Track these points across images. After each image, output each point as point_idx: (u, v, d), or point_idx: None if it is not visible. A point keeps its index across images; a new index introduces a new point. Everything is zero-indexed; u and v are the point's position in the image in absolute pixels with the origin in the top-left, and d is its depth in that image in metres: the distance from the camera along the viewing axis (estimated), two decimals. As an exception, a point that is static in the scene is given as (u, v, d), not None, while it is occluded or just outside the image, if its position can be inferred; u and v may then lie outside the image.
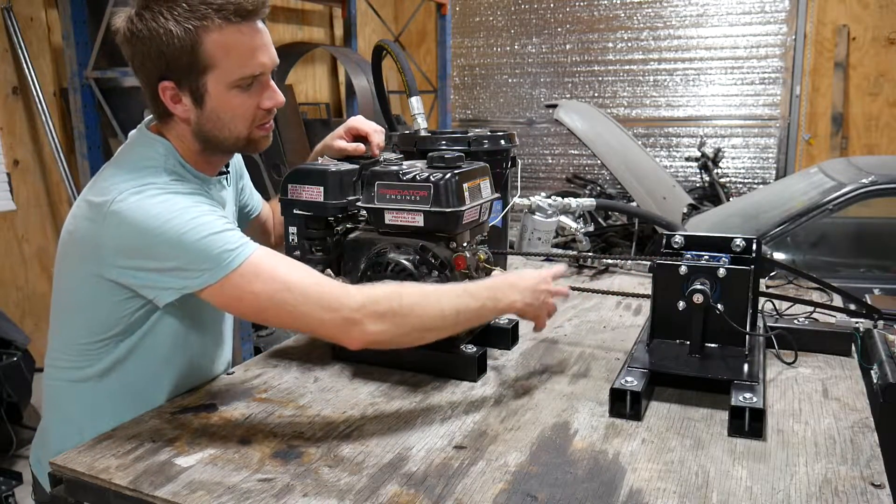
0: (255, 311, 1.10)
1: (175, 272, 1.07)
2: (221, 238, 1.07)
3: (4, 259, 3.56)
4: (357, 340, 1.09)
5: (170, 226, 1.05)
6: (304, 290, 1.07)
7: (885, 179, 3.08)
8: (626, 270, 2.03)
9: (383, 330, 1.09)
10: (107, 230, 1.07)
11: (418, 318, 1.11)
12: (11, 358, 3.07)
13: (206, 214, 1.09)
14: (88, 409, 1.20)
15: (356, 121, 1.41)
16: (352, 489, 0.93)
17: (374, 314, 1.08)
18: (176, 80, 1.12)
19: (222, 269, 1.05)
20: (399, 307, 1.09)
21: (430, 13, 6.62)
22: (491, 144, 1.64)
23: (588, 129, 3.96)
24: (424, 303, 1.12)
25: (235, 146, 1.20)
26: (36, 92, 3.55)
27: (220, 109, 1.15)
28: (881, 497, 0.90)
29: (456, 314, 1.13)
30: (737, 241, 1.28)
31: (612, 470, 0.97)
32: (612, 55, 6.51)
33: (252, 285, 1.06)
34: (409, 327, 1.11)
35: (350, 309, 1.07)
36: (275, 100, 1.18)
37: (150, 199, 1.07)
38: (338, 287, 1.10)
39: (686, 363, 1.22)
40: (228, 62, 1.11)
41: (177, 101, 1.14)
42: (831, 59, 5.76)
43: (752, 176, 6.18)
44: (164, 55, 1.09)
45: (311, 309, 1.07)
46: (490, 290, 1.17)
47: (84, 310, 1.16)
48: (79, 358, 1.19)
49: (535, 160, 6.88)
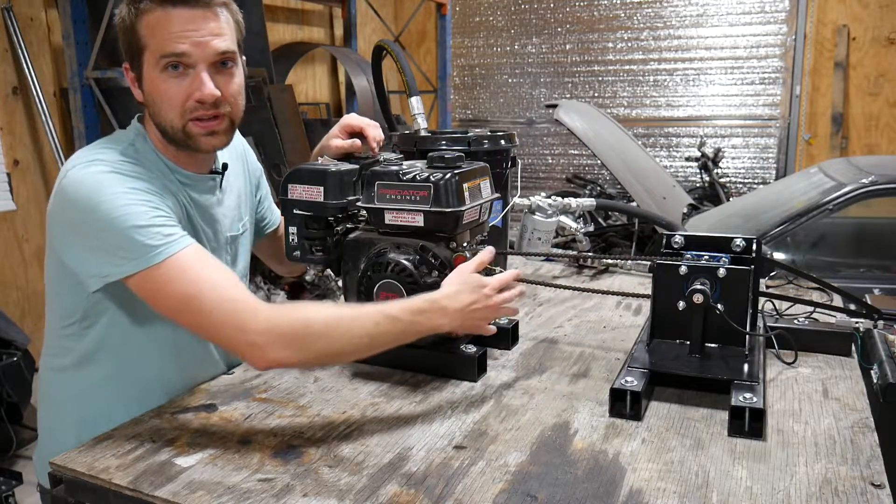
0: (168, 312, 1.10)
1: (100, 254, 1.08)
2: (147, 231, 1.07)
3: (4, 259, 3.56)
4: (260, 363, 1.07)
5: (102, 206, 1.07)
6: (215, 303, 1.06)
7: (885, 179, 3.08)
8: (626, 270, 2.03)
9: (287, 356, 1.06)
10: (55, 204, 1.11)
11: (326, 345, 1.07)
12: (11, 358, 3.07)
13: (139, 205, 1.09)
14: (75, 400, 1.23)
15: (350, 118, 1.41)
16: (352, 489, 0.93)
17: (278, 340, 1.05)
18: (129, 61, 1.18)
19: (142, 263, 1.06)
20: (305, 334, 1.06)
21: (430, 13, 6.62)
22: (491, 144, 1.64)
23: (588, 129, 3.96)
24: (335, 330, 1.08)
25: (175, 137, 1.19)
26: (36, 92, 3.55)
27: (153, 92, 1.16)
28: (881, 497, 0.90)
29: (370, 340, 1.10)
30: (737, 241, 1.28)
31: (612, 470, 0.97)
32: (612, 55, 6.51)
33: (167, 286, 1.07)
34: (317, 353, 1.08)
35: (255, 332, 1.04)
36: (201, 91, 1.14)
37: (91, 176, 1.09)
38: (248, 307, 1.06)
39: (686, 363, 1.22)
40: (154, 41, 1.13)
41: (134, 84, 1.20)
42: (831, 59, 5.77)
43: (752, 176, 6.18)
44: (120, 38, 1.17)
45: (219, 325, 1.06)
46: (413, 315, 1.12)
47: (54, 297, 1.22)
48: (55, 347, 1.24)
49: (535, 160, 6.88)
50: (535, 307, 1.71)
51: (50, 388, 1.27)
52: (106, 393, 1.23)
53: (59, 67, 3.71)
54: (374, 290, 1.27)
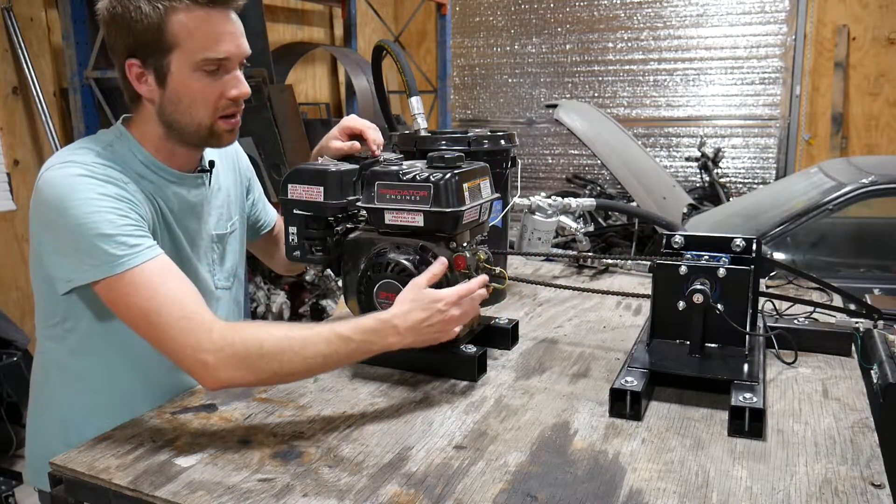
0: (129, 323, 1.10)
1: (68, 258, 1.09)
2: (113, 240, 1.07)
3: (4, 259, 3.56)
4: (212, 383, 1.07)
5: (71, 210, 1.07)
6: (170, 321, 1.05)
7: (885, 179, 3.08)
8: (626, 270, 2.03)
9: (239, 376, 1.06)
10: (33, 199, 1.12)
11: (278, 365, 1.07)
12: (11, 358, 3.07)
13: (107, 212, 1.08)
14: (58, 399, 1.25)
15: (351, 120, 1.41)
16: (352, 489, 0.93)
17: (229, 361, 1.05)
18: (142, 58, 1.14)
19: (104, 271, 1.06)
20: (258, 355, 1.05)
21: (430, 13, 6.62)
22: (491, 144, 1.64)
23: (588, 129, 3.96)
24: (287, 351, 1.07)
25: (198, 135, 1.19)
26: (36, 92, 3.55)
27: (182, 91, 1.15)
28: (881, 497, 0.90)
29: (322, 360, 1.10)
30: (737, 241, 1.28)
31: (612, 470, 0.97)
32: (612, 55, 6.51)
33: (128, 297, 1.07)
34: (270, 373, 1.08)
35: (207, 352, 1.04)
36: (239, 89, 1.17)
37: (64, 178, 1.09)
38: (203, 325, 1.06)
39: (686, 363, 1.22)
40: (192, 43, 1.12)
41: (141, 80, 1.16)
42: (831, 59, 5.76)
43: (752, 176, 6.18)
44: (132, 32, 1.11)
45: (173, 342, 1.06)
46: (365, 334, 1.12)
47: (37, 294, 1.22)
48: (43, 345, 1.25)
49: (535, 160, 6.88)
50: (535, 307, 1.71)
51: (37, 387, 1.29)
52: (89, 395, 1.24)
53: (59, 67, 3.71)
54: (374, 290, 1.27)
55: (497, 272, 1.35)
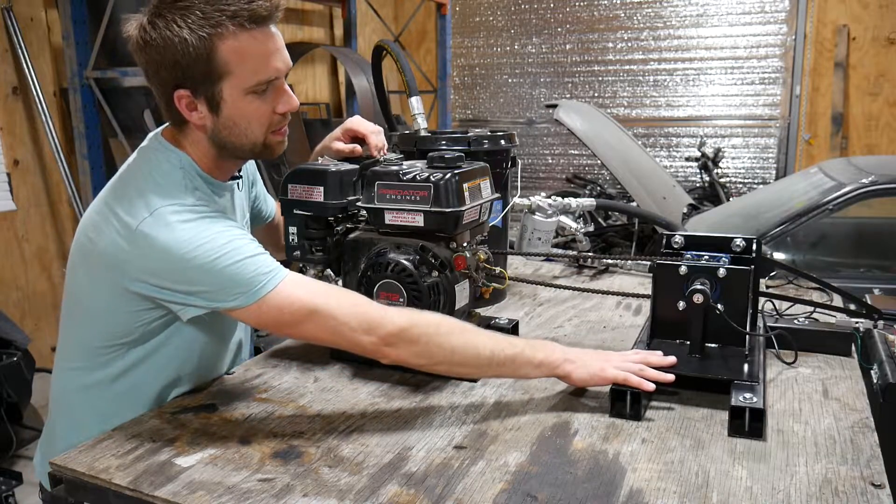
0: (291, 333, 1.15)
1: (205, 295, 1.08)
2: (254, 262, 1.07)
3: (4, 259, 3.55)
4: (389, 359, 1.13)
5: (200, 251, 1.05)
6: (341, 315, 1.09)
7: (885, 179, 3.08)
8: (626, 270, 2.03)
9: (412, 356, 1.12)
10: (135, 250, 1.07)
11: (451, 350, 1.13)
12: (11, 358, 3.06)
13: (238, 239, 1.09)
14: (99, 413, 1.20)
15: (354, 122, 1.40)
16: (352, 489, 0.93)
17: (408, 340, 1.11)
18: (191, 88, 1.11)
19: (256, 294, 1.07)
20: (435, 338, 1.12)
21: (430, 13, 6.62)
22: (491, 144, 1.64)
23: (588, 129, 3.96)
24: (462, 338, 1.13)
25: (252, 152, 1.20)
26: (36, 92, 3.55)
27: (237, 116, 1.14)
28: (881, 497, 0.90)
29: (490, 355, 1.14)
30: (737, 241, 1.28)
31: (612, 470, 0.97)
32: (612, 55, 6.51)
33: (287, 309, 1.08)
34: (441, 357, 1.13)
35: (387, 332, 1.10)
36: (290, 104, 1.18)
37: (180, 224, 1.07)
38: (377, 308, 1.12)
39: (686, 363, 1.22)
40: (244, 68, 1.10)
41: (192, 109, 1.13)
42: (831, 59, 5.76)
43: (752, 176, 6.18)
44: (179, 64, 1.08)
45: (348, 331, 1.09)
46: (531, 344, 1.18)
47: (101, 315, 1.16)
48: (91, 361, 1.19)
49: (535, 160, 6.87)
50: (535, 307, 1.71)
51: (72, 403, 1.23)
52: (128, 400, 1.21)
53: (59, 67, 3.70)
54: (374, 290, 1.27)
55: (497, 272, 1.35)
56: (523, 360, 1.16)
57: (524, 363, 1.16)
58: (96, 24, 3.32)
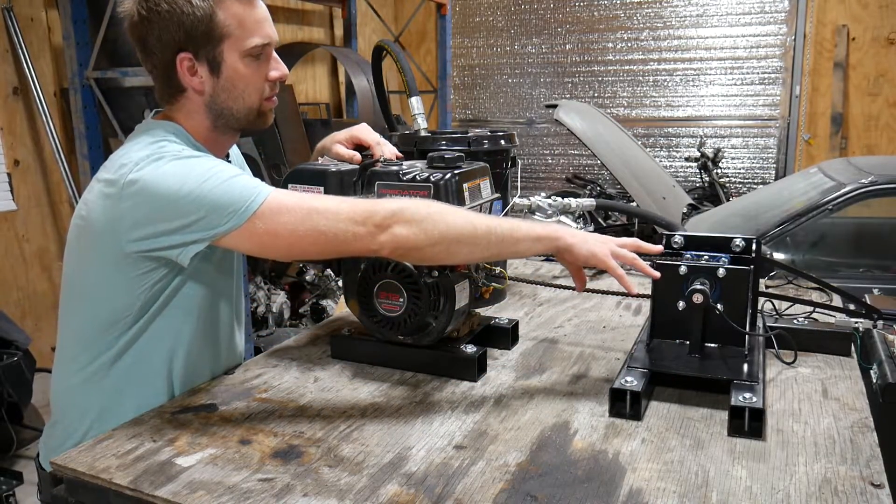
0: (289, 243, 1.12)
1: (200, 223, 1.09)
2: (240, 180, 1.11)
3: (4, 259, 3.56)
4: (387, 246, 1.11)
5: (188, 180, 1.08)
6: (334, 208, 1.11)
7: (885, 179, 3.08)
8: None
9: (413, 233, 1.10)
10: (125, 201, 1.10)
11: (447, 226, 1.12)
12: (12, 358, 3.07)
13: (220, 164, 1.14)
14: (102, 403, 1.22)
15: (362, 130, 1.42)
16: (352, 489, 0.93)
17: (403, 220, 1.10)
18: (194, 50, 1.17)
19: (248, 209, 1.08)
20: (428, 213, 1.11)
21: (430, 13, 6.62)
22: (491, 144, 1.64)
23: (588, 129, 3.96)
24: (455, 214, 1.14)
25: (247, 118, 1.25)
26: (36, 92, 3.55)
27: (236, 78, 1.21)
28: (881, 497, 0.90)
29: (487, 230, 1.14)
30: (737, 241, 1.29)
31: (612, 470, 0.97)
32: (612, 55, 6.51)
33: (282, 216, 1.09)
34: (438, 234, 1.11)
35: (380, 216, 1.10)
36: (280, 70, 1.25)
37: (165, 165, 1.11)
38: (365, 201, 1.14)
39: (686, 363, 1.22)
40: (241, 31, 1.18)
41: (193, 73, 1.19)
42: (831, 60, 5.76)
43: (752, 176, 6.18)
44: (184, 26, 1.15)
45: (344, 225, 1.10)
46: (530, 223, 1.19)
47: (99, 294, 1.18)
48: (92, 348, 1.20)
49: (535, 160, 6.88)
50: (535, 307, 1.71)
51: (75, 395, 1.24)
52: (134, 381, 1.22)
53: (59, 67, 3.71)
54: (374, 290, 1.27)
55: (497, 272, 1.36)
56: (522, 234, 1.16)
57: (523, 237, 1.16)
58: (96, 24, 3.32)
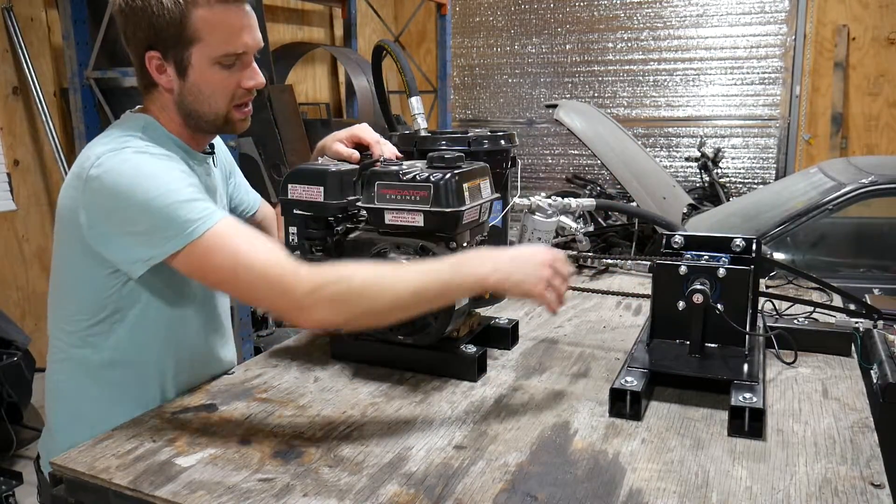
0: (215, 283, 1.13)
1: (143, 237, 1.08)
2: (187, 207, 1.08)
3: (4, 259, 3.56)
4: (307, 324, 1.11)
5: (140, 189, 1.08)
6: (260, 271, 1.07)
7: (885, 179, 3.08)
8: (626, 270, 2.03)
9: (332, 315, 1.08)
10: (86, 194, 1.11)
11: (370, 302, 1.08)
12: (11, 358, 3.07)
13: (176, 182, 1.11)
14: (95, 400, 1.21)
15: (362, 130, 1.42)
16: (352, 489, 0.93)
17: (322, 300, 1.06)
18: (162, 50, 1.16)
19: (185, 238, 1.07)
20: (348, 292, 1.07)
21: (430, 13, 6.62)
22: (491, 144, 1.64)
23: (588, 129, 3.96)
24: (377, 286, 1.08)
25: (214, 123, 1.23)
26: (36, 92, 3.55)
27: (202, 83, 1.18)
28: (881, 497, 0.90)
29: (414, 295, 1.09)
30: (737, 241, 1.28)
31: (612, 470, 0.97)
32: (612, 55, 6.51)
33: (212, 258, 1.08)
34: (360, 311, 1.08)
35: (300, 293, 1.06)
36: (255, 80, 1.22)
37: (124, 162, 1.10)
38: (290, 270, 1.07)
39: (686, 363, 1.22)
40: (213, 38, 1.15)
41: (161, 71, 1.18)
42: (831, 59, 5.76)
43: (752, 176, 6.18)
44: (154, 26, 1.14)
45: (265, 291, 1.08)
46: (458, 262, 1.11)
47: (76, 289, 1.19)
48: (79, 344, 1.20)
49: (535, 160, 6.88)
50: (534, 307, 1.71)
51: (67, 393, 1.24)
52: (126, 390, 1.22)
53: (59, 67, 3.71)
54: (374, 290, 1.27)
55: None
56: (454, 289, 1.13)
57: (455, 291, 1.14)
58: (96, 24, 3.32)
